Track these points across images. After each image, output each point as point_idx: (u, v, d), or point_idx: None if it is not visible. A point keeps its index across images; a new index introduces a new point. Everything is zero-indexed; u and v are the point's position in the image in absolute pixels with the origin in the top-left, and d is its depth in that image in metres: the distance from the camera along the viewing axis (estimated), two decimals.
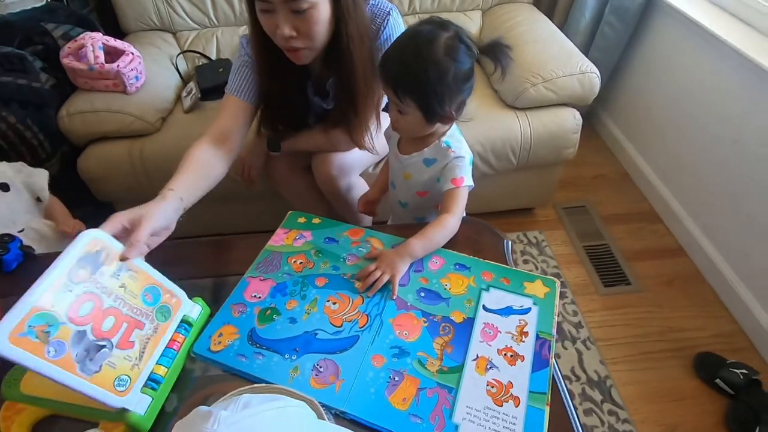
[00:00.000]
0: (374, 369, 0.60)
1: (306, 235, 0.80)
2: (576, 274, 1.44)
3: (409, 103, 0.73)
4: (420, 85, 0.71)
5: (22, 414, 0.56)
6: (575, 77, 1.30)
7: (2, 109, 1.04)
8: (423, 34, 0.71)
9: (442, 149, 0.80)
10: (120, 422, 0.54)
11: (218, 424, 0.40)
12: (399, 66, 0.72)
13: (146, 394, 0.56)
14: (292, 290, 0.70)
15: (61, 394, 0.55)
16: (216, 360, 0.62)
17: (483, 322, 0.66)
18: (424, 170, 0.83)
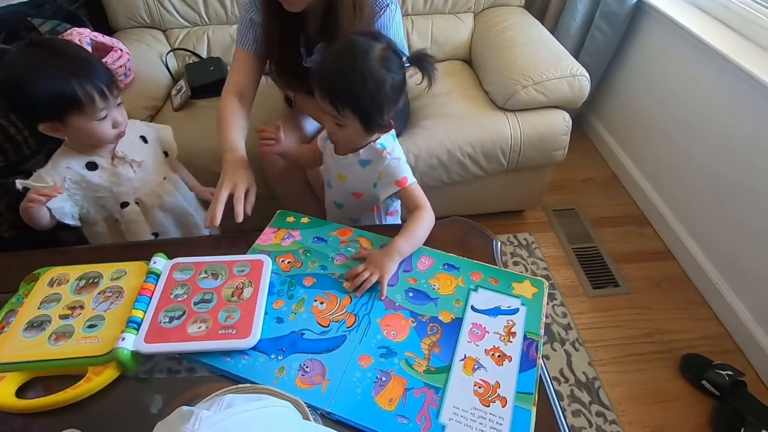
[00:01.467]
0: (361, 369, 0.60)
1: (294, 234, 0.79)
2: (565, 275, 1.45)
3: (348, 114, 0.73)
4: (359, 96, 0.71)
5: (2, 382, 0.56)
6: (565, 80, 1.31)
7: None
8: (359, 46, 0.72)
9: (377, 150, 0.80)
10: (108, 364, 0.58)
11: (199, 423, 0.39)
12: (338, 78, 0.72)
13: (130, 333, 0.60)
14: (280, 290, 0.70)
15: (38, 354, 0.59)
16: (202, 361, 0.61)
17: (471, 323, 0.66)
18: (359, 171, 0.83)
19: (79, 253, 0.77)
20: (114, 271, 0.70)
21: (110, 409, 0.57)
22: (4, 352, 0.59)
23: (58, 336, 0.61)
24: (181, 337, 0.61)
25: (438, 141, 1.30)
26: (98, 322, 0.63)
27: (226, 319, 0.63)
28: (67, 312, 0.64)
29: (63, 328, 0.62)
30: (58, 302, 0.66)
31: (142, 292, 0.66)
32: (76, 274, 0.70)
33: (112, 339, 0.60)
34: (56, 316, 0.64)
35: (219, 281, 0.68)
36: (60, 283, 0.69)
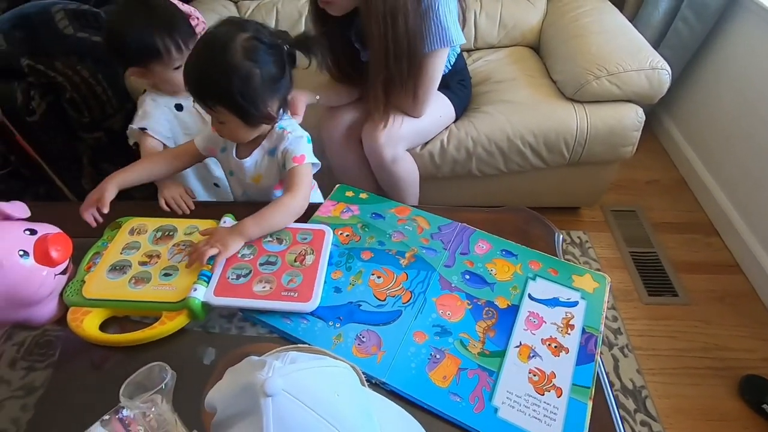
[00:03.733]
0: (416, 344, 0.61)
1: (353, 209, 0.81)
2: (619, 279, 1.39)
3: (221, 110, 0.69)
4: (224, 93, 0.67)
5: (88, 316, 0.62)
6: (643, 73, 1.23)
7: (78, 63, 1.10)
8: (218, 39, 0.67)
9: (278, 134, 0.77)
10: (180, 311, 0.63)
11: (272, 372, 0.41)
12: (198, 75, 0.68)
13: (201, 284, 0.64)
14: (338, 261, 0.71)
15: (120, 295, 0.64)
16: (263, 320, 0.64)
17: (528, 311, 0.65)
18: (271, 162, 0.79)
19: (156, 207, 0.82)
20: (187, 227, 0.75)
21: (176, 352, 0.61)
22: (91, 290, 0.65)
23: (137, 280, 0.66)
24: (246, 294, 0.64)
25: (498, 127, 1.27)
26: (173, 272, 0.67)
27: (289, 282, 0.66)
28: (145, 259, 0.69)
29: (141, 274, 0.67)
30: (138, 250, 0.71)
31: None
32: (153, 225, 0.75)
33: (185, 289, 0.64)
34: (136, 262, 0.69)
35: (283, 246, 0.71)
36: (139, 233, 0.74)
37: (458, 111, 1.29)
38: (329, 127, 1.17)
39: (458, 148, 1.28)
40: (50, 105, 1.11)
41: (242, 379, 0.43)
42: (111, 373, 0.59)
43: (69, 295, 0.65)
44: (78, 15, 1.17)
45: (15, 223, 0.62)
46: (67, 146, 1.19)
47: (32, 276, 0.60)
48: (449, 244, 0.74)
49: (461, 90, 1.31)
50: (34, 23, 1.07)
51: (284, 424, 0.40)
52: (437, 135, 1.27)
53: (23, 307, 0.61)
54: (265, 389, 0.40)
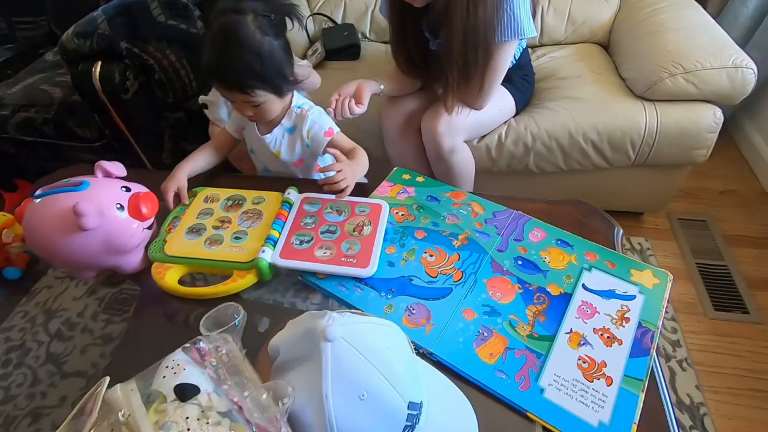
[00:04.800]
0: (465, 321, 0.62)
1: (409, 190, 0.83)
2: (683, 290, 1.31)
3: (258, 93, 0.75)
4: (259, 74, 0.73)
5: (169, 271, 0.70)
6: (725, 71, 1.15)
7: (167, 48, 1.21)
8: (232, 29, 0.71)
9: (297, 114, 0.85)
10: (250, 271, 0.68)
11: (332, 321, 0.45)
12: (231, 67, 0.72)
13: (268, 247, 0.70)
14: (393, 237, 0.74)
15: (197, 254, 0.71)
16: (320, 285, 0.68)
17: (581, 300, 0.64)
18: (290, 140, 0.87)
19: (227, 180, 0.89)
20: (255, 197, 0.81)
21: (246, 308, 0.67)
22: (172, 248, 0.72)
23: (211, 242, 0.73)
24: (309, 258, 0.69)
25: (560, 123, 1.24)
26: (242, 236, 0.74)
27: (348, 250, 0.69)
28: (218, 224, 0.76)
29: (215, 236, 0.74)
30: (211, 215, 0.78)
31: (278, 216, 0.75)
32: (225, 195, 0.82)
33: (253, 251, 0.70)
34: (210, 226, 0.76)
35: (342, 217, 0.75)
36: (213, 201, 0.81)
37: (519, 106, 1.27)
38: (389, 115, 1.20)
39: (516, 142, 1.26)
40: (141, 85, 1.23)
41: (304, 327, 0.47)
42: (180, 327, 0.66)
43: (153, 252, 0.73)
44: (169, 5, 1.28)
45: (114, 181, 0.71)
46: (152, 124, 1.31)
47: (126, 227, 0.67)
48: (503, 229, 0.74)
49: (524, 85, 1.29)
50: (134, 11, 1.20)
51: (340, 367, 0.43)
52: (495, 129, 1.27)
53: (116, 255, 0.69)
54: (326, 334, 0.44)
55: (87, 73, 1.17)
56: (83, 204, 0.63)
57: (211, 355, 0.46)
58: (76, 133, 1.29)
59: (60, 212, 0.64)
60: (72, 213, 0.63)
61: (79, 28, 1.15)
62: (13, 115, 1.32)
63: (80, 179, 0.68)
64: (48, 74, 1.50)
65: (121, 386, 0.42)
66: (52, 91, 1.39)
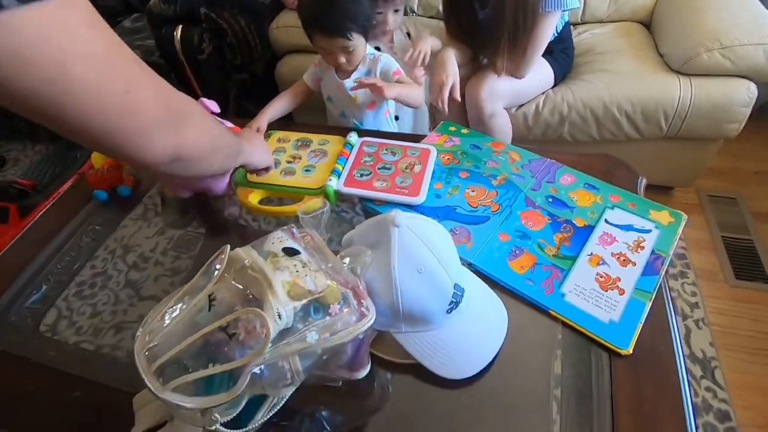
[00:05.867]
0: (500, 241, 0.73)
1: (455, 140, 0.94)
2: (706, 260, 1.37)
3: (355, 36, 0.89)
4: (356, 17, 0.88)
5: (251, 193, 0.83)
6: (762, 47, 1.19)
7: (238, 14, 1.35)
8: None
9: (370, 60, 0.99)
10: (319, 195, 0.80)
11: (399, 213, 0.57)
12: (337, 14, 0.87)
13: (335, 177, 0.82)
14: (439, 176, 0.86)
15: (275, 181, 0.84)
16: (377, 210, 0.81)
17: (603, 231, 0.74)
18: None
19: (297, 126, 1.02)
20: (320, 139, 0.94)
21: None
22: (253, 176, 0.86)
23: (286, 172, 0.87)
24: (368, 187, 0.81)
25: (596, 94, 1.31)
26: (311, 169, 0.87)
27: (402, 183, 0.82)
28: (290, 159, 0.90)
29: (288, 169, 0.87)
30: (285, 152, 0.91)
31: (342, 154, 0.88)
32: (294, 137, 0.95)
33: (321, 180, 0.83)
34: (284, 160, 0.89)
35: (396, 157, 0.87)
36: (284, 141, 0.94)
37: (557, 78, 1.35)
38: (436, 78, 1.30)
39: (552, 112, 1.34)
40: (215, 48, 1.38)
41: (375, 221, 0.60)
42: None
43: (238, 177, 0.87)
44: None
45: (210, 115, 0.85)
46: (221, 83, 1.47)
47: None
48: (537, 173, 0.85)
49: (563, 58, 1.36)
50: None
51: (404, 246, 0.56)
52: (534, 98, 1.35)
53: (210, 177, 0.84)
54: (395, 221, 0.56)
55: (169, 35, 1.33)
56: None
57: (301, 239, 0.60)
58: None
59: None
60: None
61: None
62: None
63: None
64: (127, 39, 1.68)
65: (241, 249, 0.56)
66: None
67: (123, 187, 0.91)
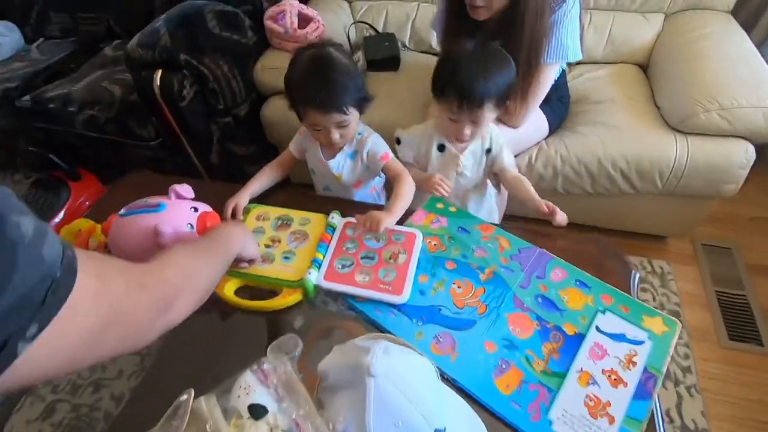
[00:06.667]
0: (486, 353, 0.70)
1: (442, 220, 0.90)
2: (699, 317, 1.35)
3: (351, 111, 0.85)
4: (352, 92, 0.84)
5: (227, 282, 0.79)
6: (761, 111, 1.16)
7: (220, 59, 1.30)
8: (325, 56, 0.83)
9: (357, 140, 0.94)
10: (298, 288, 0.77)
11: (375, 358, 0.53)
12: (334, 90, 0.82)
13: (314, 269, 0.79)
14: (425, 266, 0.82)
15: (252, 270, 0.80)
16: (358, 307, 0.77)
17: (593, 341, 0.71)
18: (351, 165, 0.96)
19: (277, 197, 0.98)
20: (301, 218, 0.90)
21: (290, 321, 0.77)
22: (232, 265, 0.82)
23: (264, 258, 0.82)
24: (350, 282, 0.77)
25: (590, 149, 1.27)
26: (291, 256, 0.83)
27: (384, 276, 0.78)
28: (269, 243, 0.86)
29: (267, 255, 0.83)
30: (263, 234, 0.87)
31: (323, 240, 0.83)
32: (275, 214, 0.91)
33: (301, 271, 0.79)
34: (262, 244, 0.85)
35: (380, 244, 0.83)
36: (264, 219, 0.90)
37: (552, 127, 1.31)
38: None
39: (546, 164, 1.31)
40: (196, 93, 1.32)
41: (351, 358, 0.56)
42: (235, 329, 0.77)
43: None
44: (222, 15, 1.37)
45: (185, 202, 0.81)
46: (203, 127, 1.41)
47: None
48: (527, 266, 0.81)
49: (559, 107, 1.32)
50: (192, 22, 1.29)
51: (381, 399, 0.52)
52: (527, 150, 1.31)
53: None
54: (371, 371, 0.52)
55: (149, 80, 1.27)
56: (162, 225, 0.73)
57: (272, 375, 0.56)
58: (135, 132, 1.40)
59: (141, 230, 0.74)
60: (152, 231, 0.73)
61: (143, 39, 1.25)
62: (79, 112, 1.44)
63: (158, 201, 0.78)
64: (108, 71, 1.62)
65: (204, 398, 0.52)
66: (113, 89, 1.51)
67: None
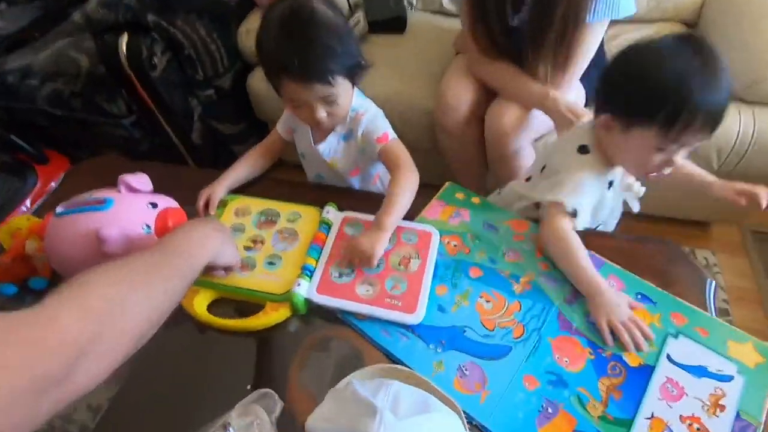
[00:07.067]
0: (525, 391, 0.54)
1: (463, 214, 0.73)
2: (750, 316, 1.18)
3: (338, 81, 0.66)
4: (340, 56, 0.64)
5: (197, 296, 0.63)
6: None
7: (196, 21, 1.10)
8: (304, 8, 0.63)
9: (352, 118, 0.74)
10: (284, 303, 0.61)
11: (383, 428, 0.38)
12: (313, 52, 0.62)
13: (304, 279, 0.62)
14: (443, 274, 0.65)
15: (228, 280, 0.64)
16: (361, 328, 0.61)
17: (665, 376, 0.55)
18: (346, 148, 0.77)
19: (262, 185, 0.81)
20: (290, 212, 0.73)
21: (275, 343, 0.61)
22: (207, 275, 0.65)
23: (243, 265, 0.66)
24: (348, 295, 0.61)
25: None
26: (276, 261, 0.67)
27: (393, 288, 0.62)
28: (250, 244, 0.69)
29: (247, 260, 0.67)
30: (243, 233, 0.71)
31: (315, 241, 0.67)
32: (257, 208, 0.74)
33: (288, 281, 0.63)
34: (241, 246, 0.69)
35: (388, 246, 0.67)
36: (244, 214, 0.73)
37: (588, 100, 1.12)
38: (449, 101, 1.05)
39: None
40: (170, 62, 1.14)
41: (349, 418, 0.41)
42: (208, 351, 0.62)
43: None
44: None
45: (140, 196, 0.64)
46: (182, 102, 1.23)
47: None
48: None
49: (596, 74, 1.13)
50: None
51: None
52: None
53: None
54: None
55: (113, 46, 1.08)
56: (106, 229, 0.57)
57: None
58: (104, 108, 1.23)
59: (81, 234, 0.59)
60: (94, 235, 0.57)
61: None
62: (42, 85, 1.26)
63: (104, 196, 0.62)
64: (75, 38, 1.42)
65: None
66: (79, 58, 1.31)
67: (36, 279, 0.70)
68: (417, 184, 0.70)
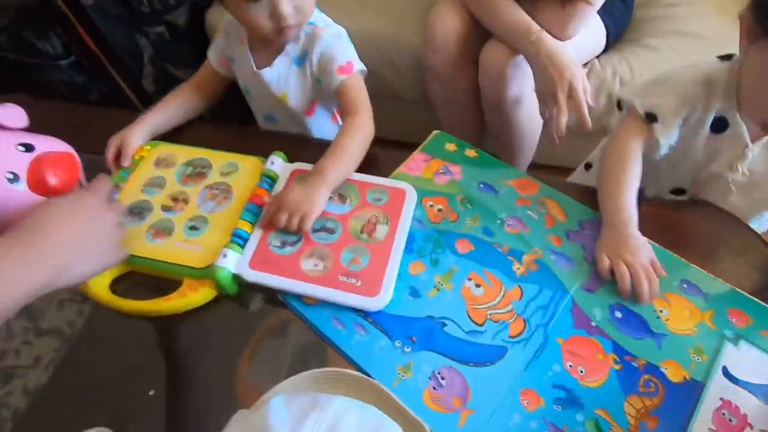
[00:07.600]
0: (523, 411, 0.39)
1: (454, 170, 0.56)
2: None
3: None
4: None
5: None
6: None
7: None
8: None
9: (308, 35, 0.57)
10: (205, 280, 0.47)
11: None
12: None
13: (233, 250, 0.47)
14: (422, 247, 0.49)
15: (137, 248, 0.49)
16: (306, 315, 0.45)
17: (720, 397, 0.39)
18: (300, 77, 0.60)
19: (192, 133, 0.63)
20: (225, 163, 0.56)
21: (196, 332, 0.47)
22: None
23: (157, 231, 0.50)
24: (292, 272, 0.46)
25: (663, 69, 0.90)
26: (201, 225, 0.51)
27: (350, 263, 0.46)
28: (169, 203, 0.53)
29: (164, 223, 0.51)
30: (162, 188, 0.54)
31: (253, 199, 0.51)
32: (184, 157, 0.57)
33: (213, 251, 0.47)
34: (158, 205, 0.53)
35: (347, 206, 0.51)
36: (167, 165, 0.57)
37: (610, 38, 0.94)
38: (439, 36, 0.85)
39: (598, 92, 0.95)
40: None
41: None
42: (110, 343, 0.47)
43: None
44: None
45: (6, 134, 0.47)
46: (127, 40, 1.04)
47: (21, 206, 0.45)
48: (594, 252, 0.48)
49: (620, 10, 0.95)
50: None
51: None
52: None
53: None
54: None
55: None
56: None
57: None
58: (35, 46, 1.03)
59: None
60: None
61: None
62: None
63: None
64: None
65: None
66: None
67: None
68: (372, 135, 0.55)
